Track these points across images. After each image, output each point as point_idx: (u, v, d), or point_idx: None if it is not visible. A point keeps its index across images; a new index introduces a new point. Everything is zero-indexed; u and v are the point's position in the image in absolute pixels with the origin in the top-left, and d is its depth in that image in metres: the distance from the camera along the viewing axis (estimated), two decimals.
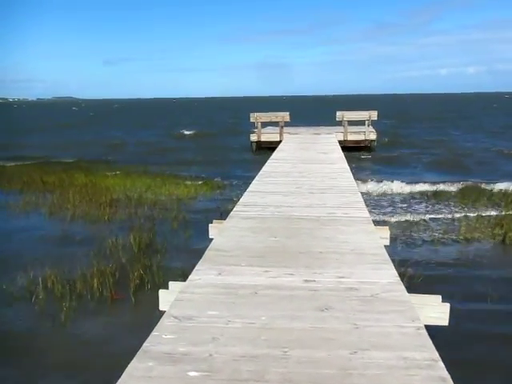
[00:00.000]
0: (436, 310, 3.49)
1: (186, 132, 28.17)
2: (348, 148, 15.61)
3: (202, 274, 3.82)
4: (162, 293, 3.93)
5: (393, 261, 4.03)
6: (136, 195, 9.62)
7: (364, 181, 11.52)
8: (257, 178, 8.22)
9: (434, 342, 2.53)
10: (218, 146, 20.98)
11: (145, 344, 2.65)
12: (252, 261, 4.08)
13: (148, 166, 14.38)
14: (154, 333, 2.82)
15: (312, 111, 51.90)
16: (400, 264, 5.06)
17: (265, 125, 19.25)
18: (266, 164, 9.69)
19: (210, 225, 5.74)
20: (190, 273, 3.93)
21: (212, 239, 5.24)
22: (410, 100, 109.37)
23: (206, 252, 4.33)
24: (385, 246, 4.91)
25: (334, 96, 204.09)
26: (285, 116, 17.60)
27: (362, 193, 7.04)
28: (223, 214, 7.56)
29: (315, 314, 3.04)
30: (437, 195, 10.34)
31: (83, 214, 8.45)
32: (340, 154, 11.45)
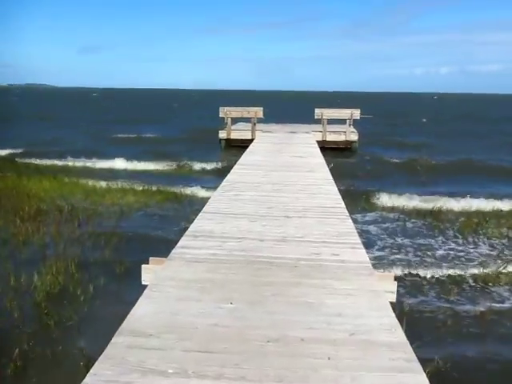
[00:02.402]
0: None
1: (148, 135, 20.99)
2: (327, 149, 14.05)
3: None
4: None
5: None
6: (69, 206, 7.69)
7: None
8: (218, 190, 6.51)
9: None
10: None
11: None
12: (188, 362, 2.40)
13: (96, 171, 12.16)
14: None
15: (290, 107, 49.91)
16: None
17: (236, 121, 17.58)
18: (232, 170, 7.97)
19: (143, 266, 4.03)
20: (105, 346, 2.31)
21: (145, 286, 3.58)
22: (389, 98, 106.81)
23: (114, 338, 2.61)
24: (390, 302, 3.38)
25: (313, 92, 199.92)
26: (258, 111, 15.90)
27: None
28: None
29: None
30: None
31: None
32: (320, 158, 9.86)
